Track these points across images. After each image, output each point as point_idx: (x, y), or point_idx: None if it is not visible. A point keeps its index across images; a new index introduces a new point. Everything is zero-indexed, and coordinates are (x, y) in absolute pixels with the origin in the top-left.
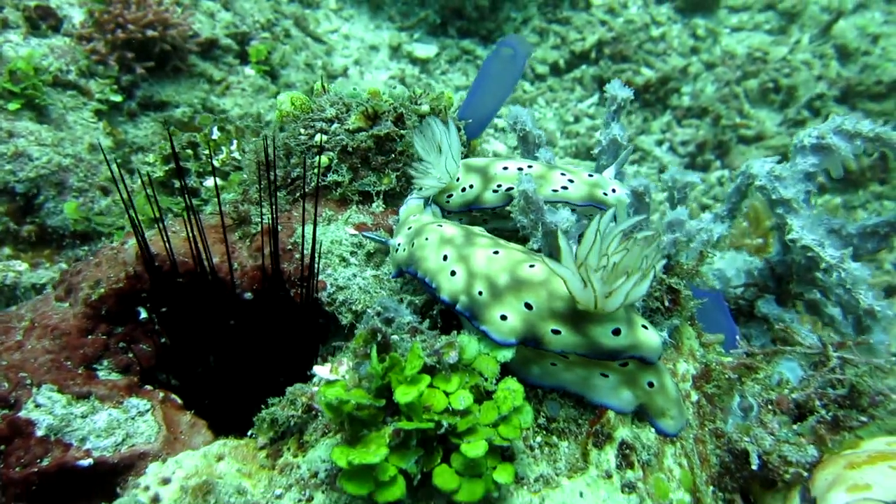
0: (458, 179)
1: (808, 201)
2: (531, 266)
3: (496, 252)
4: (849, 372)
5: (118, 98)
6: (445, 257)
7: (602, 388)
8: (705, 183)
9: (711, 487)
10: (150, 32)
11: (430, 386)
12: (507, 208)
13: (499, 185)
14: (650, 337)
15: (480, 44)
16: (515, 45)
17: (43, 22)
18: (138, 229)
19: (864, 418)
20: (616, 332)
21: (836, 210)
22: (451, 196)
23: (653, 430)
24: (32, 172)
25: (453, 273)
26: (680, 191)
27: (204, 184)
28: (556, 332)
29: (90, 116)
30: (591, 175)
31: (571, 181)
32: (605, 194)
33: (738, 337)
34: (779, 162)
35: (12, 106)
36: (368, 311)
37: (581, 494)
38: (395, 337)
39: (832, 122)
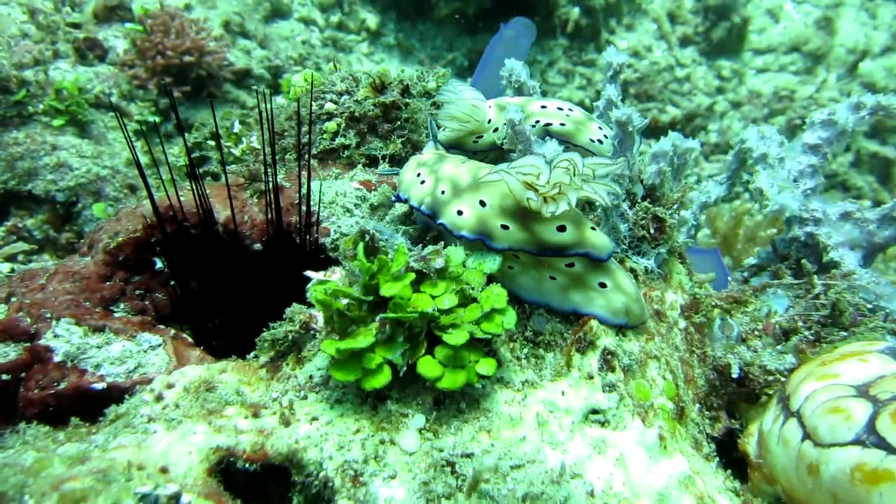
0: (489, 121)
1: (814, 175)
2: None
3: (463, 163)
4: (830, 293)
5: (156, 119)
6: (419, 174)
7: (551, 291)
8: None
9: (697, 405)
10: (187, 58)
11: (419, 291)
12: (500, 142)
13: (536, 121)
14: (598, 235)
15: None
16: (519, 27)
17: (90, 52)
18: (146, 180)
19: (844, 334)
20: (561, 228)
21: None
22: (480, 137)
23: (635, 344)
24: (72, 181)
25: (423, 182)
26: (680, 156)
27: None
28: (504, 227)
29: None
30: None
31: (606, 136)
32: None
33: (729, 279)
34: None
35: (57, 122)
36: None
37: (563, 393)
38: (382, 244)
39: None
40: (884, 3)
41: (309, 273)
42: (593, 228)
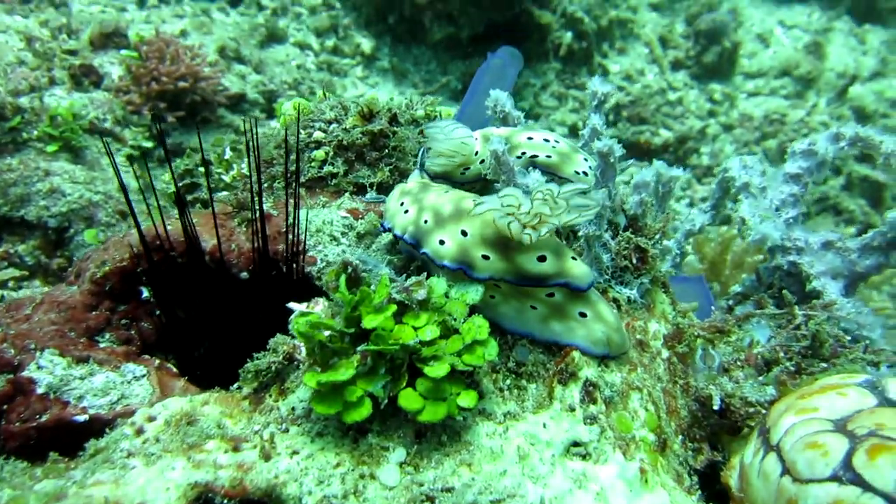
0: (476, 153)
1: (795, 204)
2: (472, 200)
3: (446, 192)
4: (811, 324)
5: (150, 144)
6: (402, 203)
7: (532, 320)
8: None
9: (680, 437)
10: (181, 84)
11: (401, 322)
12: (484, 172)
13: (523, 153)
14: (578, 265)
15: None
16: (506, 56)
17: (86, 78)
18: (132, 208)
19: (824, 365)
20: (541, 258)
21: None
22: (467, 169)
23: (617, 375)
24: (64, 207)
25: (406, 211)
26: (665, 184)
27: (216, 196)
28: (485, 257)
29: (122, 161)
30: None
31: (591, 168)
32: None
33: (713, 307)
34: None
35: (51, 148)
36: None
37: (544, 425)
38: (365, 274)
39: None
40: (872, 28)
41: (291, 305)
42: (574, 258)
